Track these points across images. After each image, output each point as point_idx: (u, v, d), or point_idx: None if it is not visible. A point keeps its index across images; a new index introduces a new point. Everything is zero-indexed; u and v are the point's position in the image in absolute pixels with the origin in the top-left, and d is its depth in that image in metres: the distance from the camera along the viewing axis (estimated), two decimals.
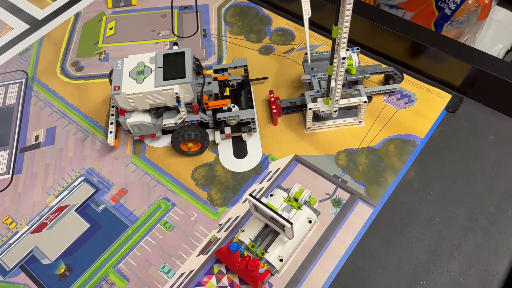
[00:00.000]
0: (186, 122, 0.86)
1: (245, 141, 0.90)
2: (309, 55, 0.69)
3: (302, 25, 1.10)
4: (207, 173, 0.87)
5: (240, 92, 0.92)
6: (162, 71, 0.82)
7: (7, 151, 0.91)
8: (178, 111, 0.85)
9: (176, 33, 1.11)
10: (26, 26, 1.16)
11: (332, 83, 0.80)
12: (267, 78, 0.99)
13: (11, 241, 0.80)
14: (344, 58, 0.71)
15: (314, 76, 0.89)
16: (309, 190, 0.77)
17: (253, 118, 0.86)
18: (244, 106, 0.90)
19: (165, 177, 0.86)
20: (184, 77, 0.81)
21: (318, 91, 0.87)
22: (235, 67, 0.94)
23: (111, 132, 0.88)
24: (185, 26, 1.12)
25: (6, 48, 1.11)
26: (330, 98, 0.83)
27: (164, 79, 0.81)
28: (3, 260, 0.78)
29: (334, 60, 0.75)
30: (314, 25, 1.11)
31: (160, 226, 0.80)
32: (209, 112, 0.87)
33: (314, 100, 0.86)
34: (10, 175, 0.88)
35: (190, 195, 0.84)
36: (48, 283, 0.75)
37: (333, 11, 0.65)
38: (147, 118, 0.84)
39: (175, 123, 0.85)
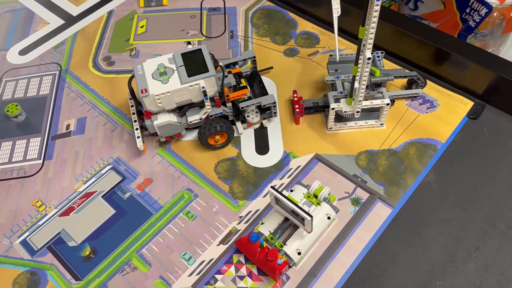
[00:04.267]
0: (210, 116, 0.89)
1: (268, 138, 0.92)
2: (337, 52, 0.71)
3: (327, 29, 1.13)
4: (230, 167, 0.89)
5: (252, 83, 0.96)
6: (184, 69, 0.84)
7: (39, 138, 0.96)
8: (201, 108, 0.88)
9: (204, 33, 1.15)
10: (61, 22, 1.21)
11: (356, 84, 0.82)
12: (272, 68, 1.03)
13: (39, 223, 0.84)
14: (369, 58, 0.73)
15: (338, 77, 0.91)
16: (328, 188, 0.79)
17: (274, 102, 0.89)
18: (259, 95, 0.93)
19: (189, 169, 0.89)
20: (208, 71, 0.84)
21: (341, 92, 0.89)
22: (244, 60, 0.96)
23: (138, 137, 0.89)
24: (213, 27, 1.16)
25: (42, 42, 1.17)
26: (353, 99, 0.85)
27: (189, 76, 0.83)
28: (32, 240, 0.82)
29: (359, 60, 0.77)
30: (339, 29, 1.13)
31: (183, 215, 0.83)
32: (229, 105, 0.90)
33: (337, 100, 0.88)
34: (41, 161, 0.92)
35: (212, 187, 0.86)
36: (73, 264, 0.78)
37: (358, 15, 0.68)
38: (173, 118, 0.86)
39: (200, 119, 0.88)
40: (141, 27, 1.17)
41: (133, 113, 0.92)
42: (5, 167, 0.92)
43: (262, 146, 0.92)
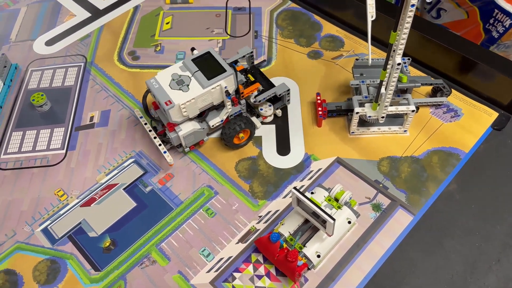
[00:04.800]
0: (230, 116, 0.89)
1: (289, 139, 0.92)
2: (370, 56, 0.71)
3: (352, 33, 1.13)
4: (250, 167, 0.89)
5: (255, 77, 0.96)
6: (201, 73, 0.83)
7: (63, 128, 0.97)
8: (217, 110, 0.87)
9: (228, 32, 1.15)
10: (88, 14, 1.23)
11: (383, 89, 0.82)
12: (265, 61, 1.04)
13: (61, 212, 0.84)
14: (399, 64, 0.73)
15: (363, 81, 0.91)
16: (350, 192, 0.78)
17: (288, 90, 0.91)
18: (266, 87, 0.94)
19: (210, 167, 0.89)
20: (225, 70, 0.84)
21: (366, 97, 0.88)
22: (243, 56, 0.96)
23: (165, 152, 0.87)
24: (238, 26, 1.16)
25: (68, 33, 1.18)
26: (379, 104, 0.85)
27: (209, 79, 0.82)
28: (53, 228, 0.83)
29: (388, 66, 0.77)
30: (363, 33, 1.13)
31: (203, 211, 0.83)
32: (243, 102, 0.91)
33: (361, 105, 0.88)
34: (64, 151, 0.93)
35: (232, 185, 0.87)
36: (93, 254, 0.79)
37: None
38: (196, 125, 0.86)
39: (221, 120, 0.88)
40: (167, 23, 1.18)
41: (150, 131, 0.89)
42: (28, 155, 0.93)
43: (283, 147, 0.92)
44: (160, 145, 0.87)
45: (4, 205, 0.86)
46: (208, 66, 0.85)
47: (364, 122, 0.91)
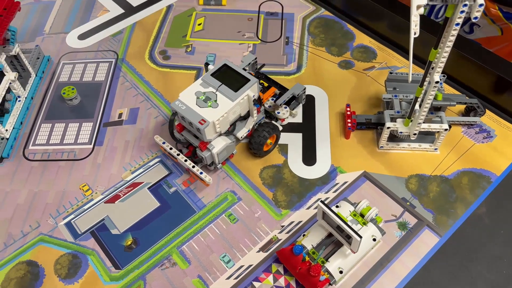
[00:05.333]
0: (254, 125, 0.89)
1: (316, 149, 0.91)
2: (410, 73, 0.69)
3: (385, 45, 1.11)
4: (275, 174, 0.88)
5: (267, 82, 0.97)
6: (225, 87, 0.82)
7: (92, 123, 0.98)
8: (241, 121, 0.87)
9: (260, 37, 1.15)
10: (121, 11, 1.24)
11: (417, 106, 0.80)
12: (264, 65, 1.01)
13: (85, 207, 0.85)
14: (437, 82, 0.71)
15: (396, 96, 0.89)
16: (376, 208, 0.77)
17: (304, 88, 0.91)
18: (280, 89, 0.94)
19: (234, 172, 0.89)
20: (248, 79, 0.83)
21: (398, 112, 0.87)
22: (249, 64, 0.95)
23: (201, 172, 0.83)
24: (269, 31, 1.16)
25: (101, 29, 1.19)
26: (411, 120, 0.83)
27: (235, 91, 0.81)
28: (76, 223, 0.83)
29: (425, 82, 0.75)
30: (396, 46, 1.12)
31: (225, 217, 0.83)
32: (262, 108, 0.90)
33: (393, 119, 0.86)
34: (91, 146, 0.94)
35: (256, 192, 0.86)
36: (114, 252, 0.79)
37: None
38: (226, 139, 0.84)
39: (248, 130, 0.87)
40: (199, 24, 1.18)
41: (178, 154, 0.85)
42: (56, 147, 0.94)
43: (309, 157, 0.91)
44: (193, 166, 0.84)
45: (30, 196, 0.87)
46: (229, 78, 0.83)
47: (393, 137, 0.90)
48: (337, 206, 0.79)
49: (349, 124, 0.91)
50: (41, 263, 0.78)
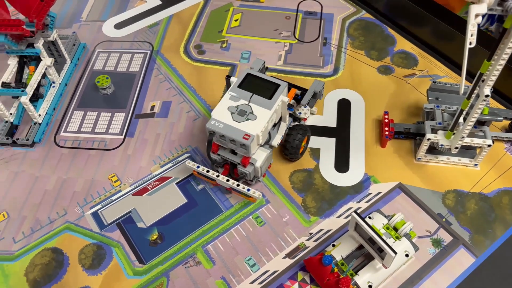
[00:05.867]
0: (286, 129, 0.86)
1: (349, 156, 0.88)
2: (463, 83, 0.64)
3: (428, 52, 1.07)
4: (305, 179, 0.86)
5: None
6: (257, 96, 0.78)
7: (124, 114, 0.97)
8: (273, 127, 0.84)
9: (297, 36, 1.12)
10: (158, 2, 1.23)
11: (462, 119, 0.76)
12: (267, 68, 0.96)
13: (113, 198, 0.85)
14: (487, 96, 0.68)
15: (438, 106, 0.85)
16: (411, 223, 0.74)
17: (323, 84, 0.89)
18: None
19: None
20: (278, 84, 0.80)
21: (440, 123, 0.83)
22: (260, 69, 0.90)
23: (249, 189, 0.79)
24: (307, 31, 1.13)
25: (137, 19, 1.19)
26: (454, 134, 0.79)
27: (270, 99, 0.78)
28: (103, 214, 0.83)
29: (473, 95, 0.71)
30: (439, 54, 1.07)
31: (252, 219, 0.81)
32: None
33: (434, 131, 0.82)
34: (122, 137, 0.93)
35: (285, 196, 0.84)
36: (139, 246, 0.78)
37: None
38: (265, 150, 0.80)
39: (281, 137, 0.85)
40: (235, 20, 1.16)
41: (218, 176, 0.80)
42: (87, 136, 0.94)
43: (342, 163, 0.88)
44: (238, 185, 0.79)
45: (59, 183, 0.87)
46: (258, 86, 0.80)
47: (432, 149, 0.86)
48: (369, 217, 0.76)
49: (387, 133, 0.88)
50: (66, 251, 0.78)
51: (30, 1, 0.89)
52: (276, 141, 0.83)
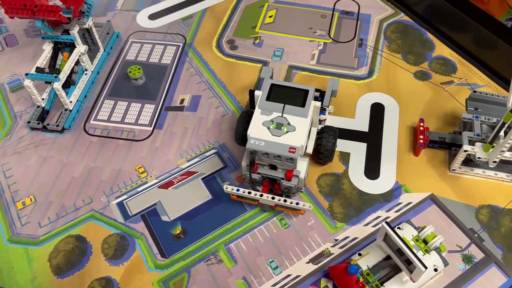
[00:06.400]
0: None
1: (380, 162, 0.86)
2: (511, 97, 0.61)
3: (467, 59, 1.03)
4: (333, 183, 0.84)
5: None
6: (290, 106, 0.76)
7: (153, 106, 0.97)
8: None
9: (332, 36, 1.09)
10: None
11: (502, 132, 0.73)
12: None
13: (138, 189, 0.84)
14: None
15: (477, 117, 0.82)
16: (442, 237, 0.71)
17: (339, 81, 0.89)
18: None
19: None
20: (306, 90, 0.78)
21: (478, 135, 0.79)
22: (270, 77, 0.90)
23: (298, 203, 0.75)
24: (343, 31, 1.10)
25: (172, 11, 1.18)
26: (493, 147, 0.76)
27: (303, 106, 0.76)
28: (128, 204, 0.83)
29: None
30: (480, 62, 1.03)
31: (276, 220, 0.80)
32: None
33: (471, 142, 0.79)
34: (151, 128, 0.93)
35: (311, 199, 0.82)
36: (162, 239, 0.78)
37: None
38: (304, 159, 0.77)
39: (313, 142, 0.83)
40: (269, 16, 1.15)
41: (261, 195, 0.76)
42: (116, 125, 0.94)
43: (372, 170, 0.85)
44: (285, 200, 0.75)
45: (86, 171, 0.87)
46: (286, 96, 0.77)
47: (468, 161, 0.83)
48: (399, 228, 0.74)
49: (421, 141, 0.85)
50: (90, 240, 0.78)
51: None
52: (310, 147, 0.81)
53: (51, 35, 0.92)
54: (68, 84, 0.96)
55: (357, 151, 0.88)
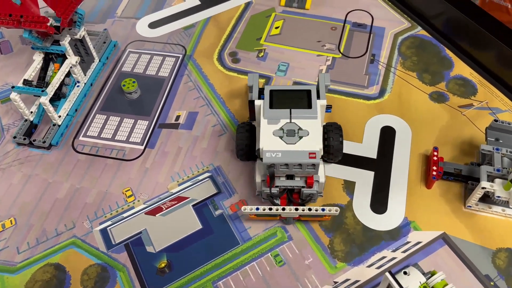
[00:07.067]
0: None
1: (388, 195, 0.78)
2: None
3: (489, 80, 0.94)
4: (335, 216, 0.77)
5: None
6: (296, 110, 0.72)
7: (147, 122, 0.91)
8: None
9: (341, 50, 1.02)
10: (197, 2, 1.16)
11: None
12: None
13: (124, 215, 0.79)
14: None
15: (497, 149, 0.74)
16: (454, 286, 0.63)
17: (329, 75, 0.82)
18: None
19: None
20: (309, 89, 0.75)
21: (498, 170, 0.71)
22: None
23: (323, 209, 0.70)
24: (354, 45, 1.03)
25: (173, 19, 1.12)
26: None
27: (310, 107, 0.72)
28: (112, 231, 0.77)
29: None
30: (503, 84, 0.94)
31: (271, 256, 0.73)
32: None
33: (490, 178, 0.71)
34: (143, 147, 0.87)
35: (310, 233, 0.75)
36: (145, 273, 0.72)
37: None
38: (320, 162, 0.71)
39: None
40: (276, 27, 1.08)
41: (284, 209, 0.71)
42: (106, 143, 0.88)
43: (379, 202, 0.78)
44: (310, 209, 0.70)
45: (71, 192, 0.82)
46: (290, 99, 0.74)
47: (485, 197, 0.74)
48: (405, 273, 0.66)
49: (434, 173, 0.77)
50: (69, 270, 0.73)
51: None
52: (321, 146, 0.75)
53: (40, 46, 0.87)
54: (58, 97, 0.91)
55: (364, 180, 0.80)
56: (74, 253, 0.75)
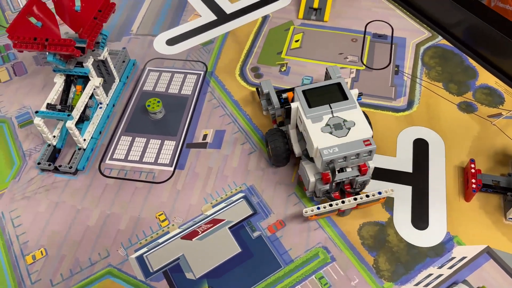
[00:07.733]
0: None
1: (428, 210, 0.77)
2: None
3: None
4: (377, 234, 0.75)
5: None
6: (335, 103, 0.73)
7: (174, 142, 0.89)
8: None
9: (364, 62, 1.01)
10: (214, 17, 1.14)
11: None
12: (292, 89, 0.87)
13: (160, 240, 0.76)
14: None
15: None
16: None
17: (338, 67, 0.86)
18: None
19: (328, 223, 0.77)
20: (338, 82, 0.77)
21: None
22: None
23: (380, 192, 0.73)
24: (376, 56, 1.02)
25: (191, 35, 1.10)
26: None
27: (346, 98, 0.74)
28: (149, 258, 0.74)
29: None
30: None
31: (315, 279, 0.71)
32: None
33: None
34: (172, 169, 0.85)
35: (353, 253, 0.73)
36: None
37: None
38: None
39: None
40: (296, 41, 1.07)
41: (343, 202, 0.72)
42: (134, 165, 0.86)
43: (420, 218, 0.77)
44: (367, 195, 0.72)
45: (102, 218, 0.79)
46: (325, 95, 0.75)
47: None
48: None
49: (474, 185, 0.76)
50: None
51: (82, 18, 0.82)
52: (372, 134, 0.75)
53: (63, 68, 0.84)
54: (82, 120, 0.88)
55: (402, 195, 0.79)
56: (111, 283, 0.72)
